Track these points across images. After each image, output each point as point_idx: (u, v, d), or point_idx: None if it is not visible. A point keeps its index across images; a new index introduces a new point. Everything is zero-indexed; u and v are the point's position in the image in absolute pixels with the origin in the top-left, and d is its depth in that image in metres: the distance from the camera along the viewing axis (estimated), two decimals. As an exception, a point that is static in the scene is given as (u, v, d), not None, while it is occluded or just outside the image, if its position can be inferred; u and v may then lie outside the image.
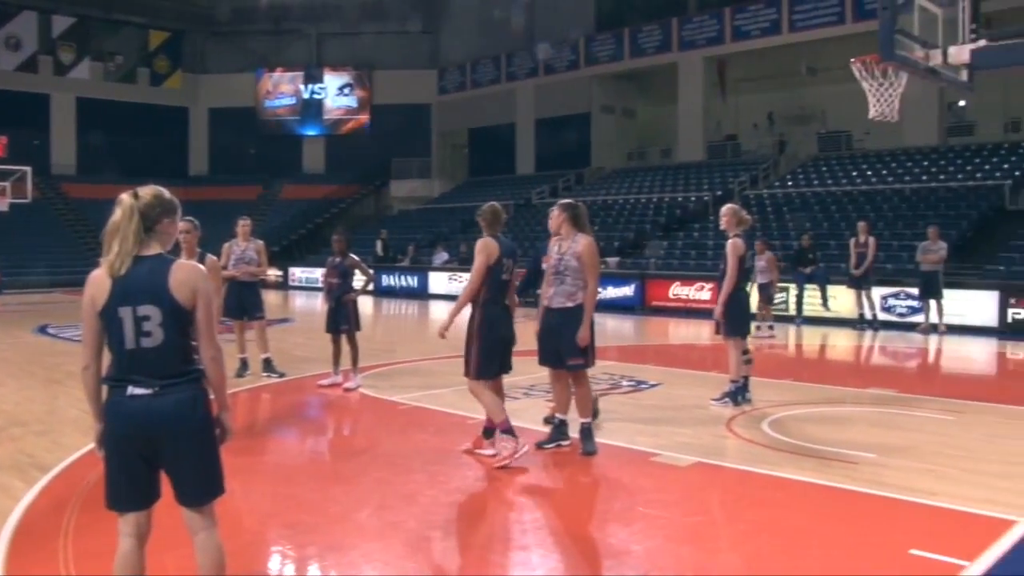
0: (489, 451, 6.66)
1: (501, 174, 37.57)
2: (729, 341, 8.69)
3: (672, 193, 29.47)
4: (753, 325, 14.67)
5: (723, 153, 32.27)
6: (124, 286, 3.49)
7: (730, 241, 8.64)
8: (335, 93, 41.44)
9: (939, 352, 14.40)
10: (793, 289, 18.53)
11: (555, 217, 6.73)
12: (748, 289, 8.81)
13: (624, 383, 10.14)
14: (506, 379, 7.05)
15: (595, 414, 7.42)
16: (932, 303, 16.35)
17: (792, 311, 18.48)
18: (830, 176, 26.77)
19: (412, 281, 27.81)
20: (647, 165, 34.43)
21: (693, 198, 28.31)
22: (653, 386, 10.00)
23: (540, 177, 35.95)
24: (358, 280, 10.06)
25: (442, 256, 28.25)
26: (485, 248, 6.67)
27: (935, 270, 16.25)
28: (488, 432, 6.80)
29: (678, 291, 20.68)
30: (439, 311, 23.00)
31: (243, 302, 10.48)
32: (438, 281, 26.93)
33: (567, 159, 35.15)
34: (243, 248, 10.53)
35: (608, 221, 28.20)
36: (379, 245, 30.53)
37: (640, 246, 25.01)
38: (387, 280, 28.28)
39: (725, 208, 8.80)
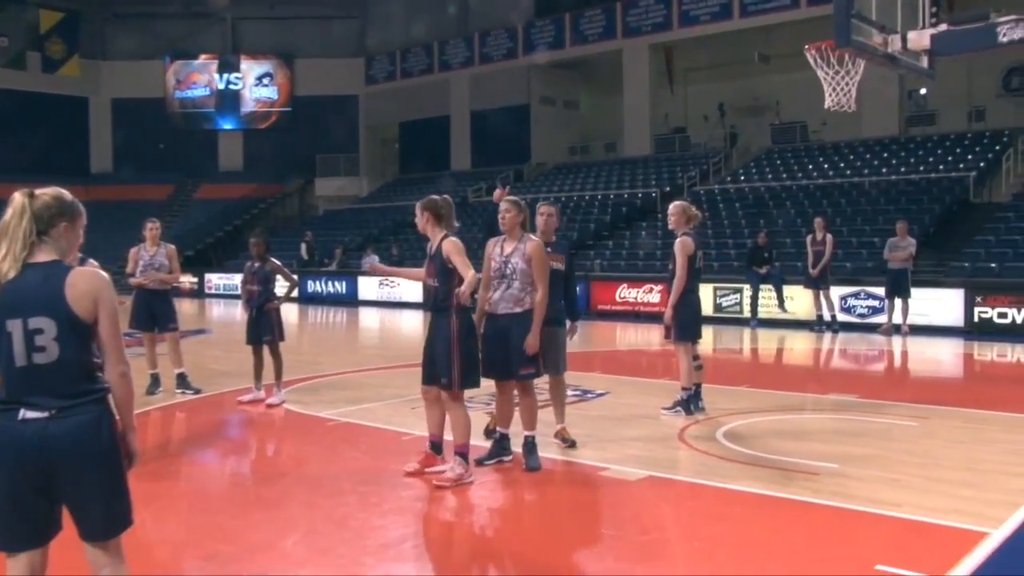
0: (440, 467, 6.63)
1: (435, 171, 37.46)
2: (679, 347, 8.74)
3: (618, 190, 29.70)
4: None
5: (671, 147, 32.62)
6: (13, 296, 3.33)
7: (678, 240, 8.68)
8: (253, 83, 40.85)
9: (902, 354, 14.72)
10: (748, 290, 18.79)
11: (418, 217, 6.63)
12: (699, 291, 8.91)
13: (569, 393, 10.11)
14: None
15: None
16: (897, 303, 16.68)
17: (747, 313, 18.74)
18: (785, 170, 27.23)
19: (340, 287, 27.58)
20: (591, 160, 34.65)
21: (640, 195, 28.56)
22: (600, 395, 10.02)
23: (477, 174, 35.94)
24: (280, 286, 9.92)
25: (372, 259, 28.03)
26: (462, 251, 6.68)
27: (904, 268, 16.53)
28: (436, 447, 6.74)
29: (625, 294, 20.84)
30: (369, 319, 22.81)
31: (153, 312, 10.26)
32: (368, 287, 26.74)
33: (505, 154, 35.20)
34: (152, 253, 10.31)
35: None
36: (303, 248, 30.23)
37: (588, 246, 25.18)
38: (313, 286, 28.01)
39: (673, 205, 8.85)
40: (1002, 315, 16.52)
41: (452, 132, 37.52)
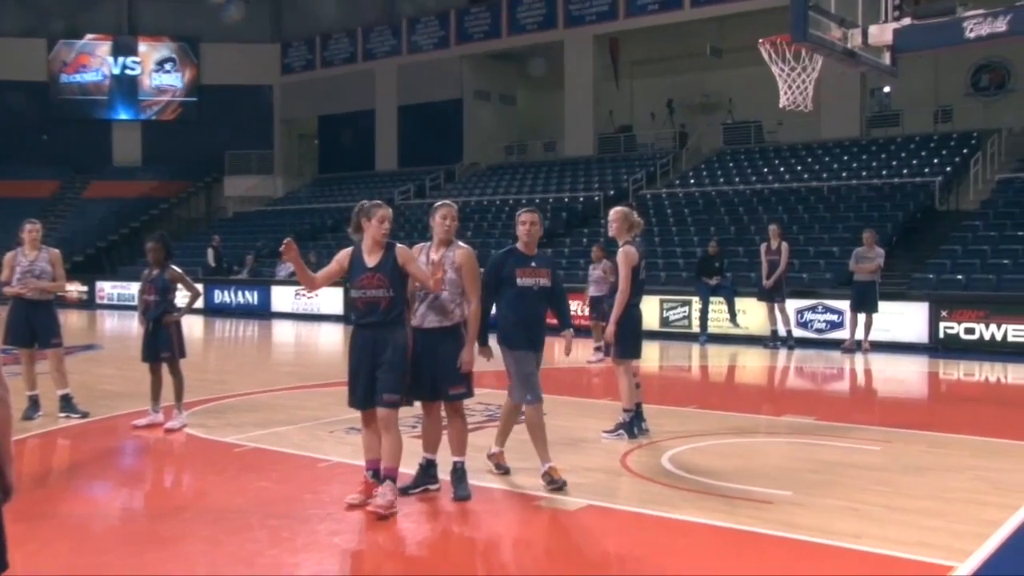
0: (375, 502, 6.55)
1: (358, 170, 37.32)
2: (619, 365, 8.80)
3: (557, 193, 29.87)
4: (592, 346, 14.94)
5: (616, 147, 32.92)
6: None
7: (621, 249, 8.73)
8: (153, 69, 40.13)
9: (863, 373, 14.98)
10: (697, 303, 18.98)
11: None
12: (641, 304, 8.97)
13: (485, 413, 10.10)
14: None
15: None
16: (860, 317, 16.86)
17: (696, 328, 18.92)
18: (738, 173, 27.64)
19: (251, 297, 27.27)
20: (529, 160, 34.80)
21: (582, 198, 28.74)
22: (522, 415, 9.99)
23: (404, 174, 35.86)
24: (182, 297, 9.75)
25: (287, 267, 27.78)
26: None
27: (871, 280, 16.67)
28: (379, 475, 6.66)
29: (566, 306, 20.91)
30: (283, 333, 22.55)
31: (33, 326, 9.99)
32: (283, 297, 26.48)
33: (436, 153, 35.21)
34: (31, 258, 10.04)
35: (484, 225, 28.33)
36: (210, 254, 29.83)
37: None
38: (220, 296, 27.65)
39: (614, 211, 8.87)
40: (969, 331, 16.91)
41: (377, 128, 37.40)
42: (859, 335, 16.97)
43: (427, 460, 6.96)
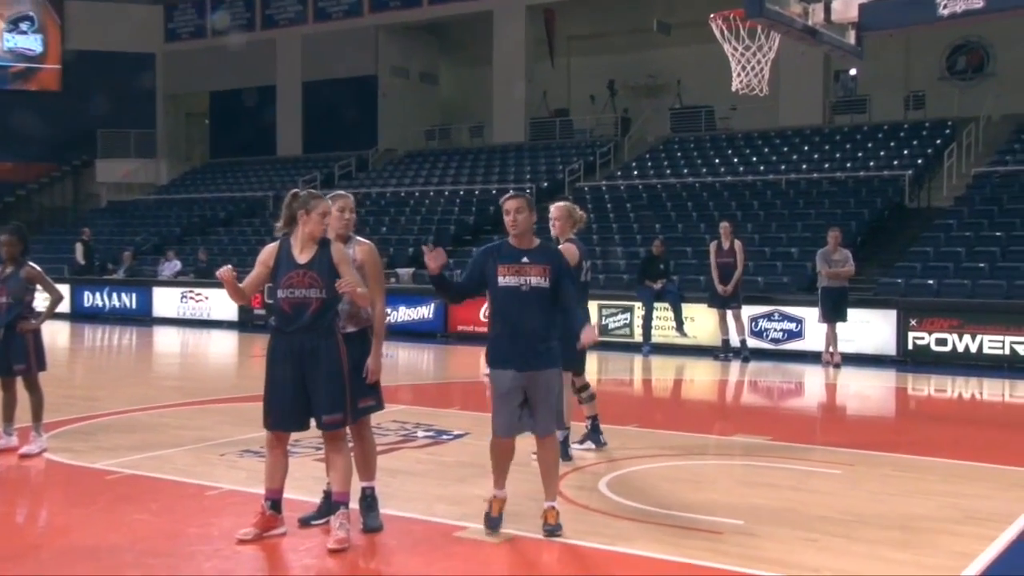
0: (280, 530, 6.51)
1: (256, 155, 36.94)
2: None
3: (484, 184, 29.89)
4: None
5: (550, 132, 33.04)
6: None
7: (561, 247, 8.65)
8: (6, 28, 38.46)
9: (823, 389, 15.18)
10: (639, 309, 19.07)
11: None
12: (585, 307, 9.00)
13: (420, 434, 10.07)
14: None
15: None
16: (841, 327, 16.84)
17: (638, 337, 19.01)
18: (687, 164, 27.89)
19: (128, 300, 26.82)
20: (452, 147, 34.78)
21: (511, 190, 28.62)
22: (457, 437, 10.01)
23: (309, 160, 35.61)
24: (42, 300, 9.52)
25: (173, 266, 27.40)
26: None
27: (843, 287, 16.73)
28: (277, 505, 6.54)
29: (493, 312, 20.93)
30: (167, 341, 22.23)
31: None
32: (166, 300, 26.08)
33: (346, 137, 35.02)
34: None
35: (400, 220, 28.23)
36: (79, 250, 29.24)
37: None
38: (91, 299, 27.16)
39: (556, 207, 8.89)
40: (941, 341, 17.16)
41: (279, 107, 37.09)
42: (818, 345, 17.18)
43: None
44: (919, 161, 24.35)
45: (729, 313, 17.65)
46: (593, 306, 19.67)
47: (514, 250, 6.60)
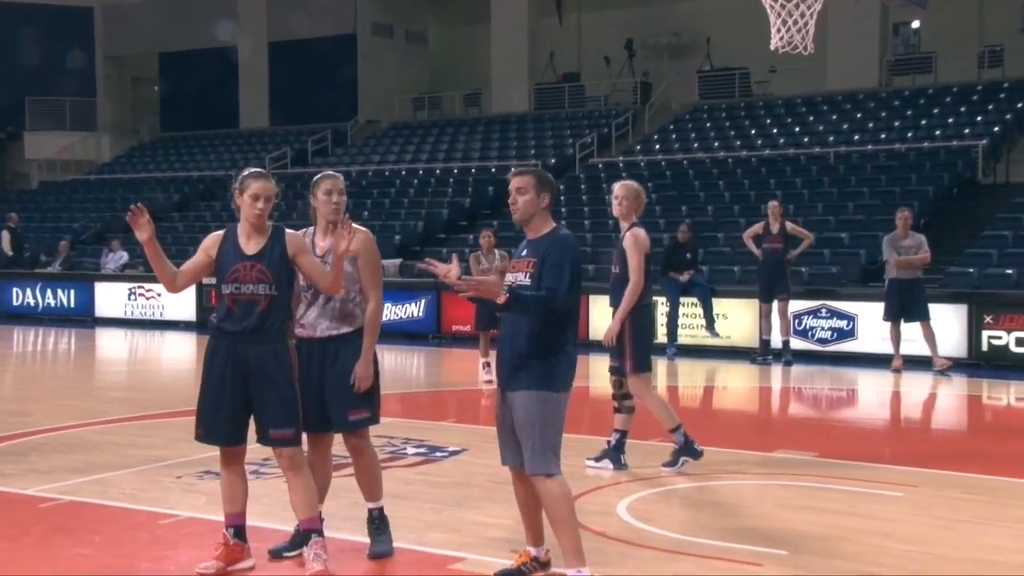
0: (247, 562, 6.52)
1: (215, 128, 36.90)
2: (638, 381, 9.06)
3: (482, 161, 29.88)
4: (481, 362, 14.96)
5: (558, 100, 32.97)
6: None
7: (629, 233, 8.90)
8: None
9: (880, 396, 15.16)
10: (663, 305, 18.99)
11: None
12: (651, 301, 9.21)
13: (409, 450, 10.06)
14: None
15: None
16: (910, 328, 16.43)
17: (662, 337, 18.93)
18: (717, 136, 27.87)
19: (66, 297, 26.79)
20: (444, 118, 34.77)
21: (513, 168, 28.61)
22: (453, 454, 10.01)
23: (278, 134, 35.59)
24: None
25: (118, 258, 27.34)
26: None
27: (916, 278, 16.37)
28: (242, 533, 6.52)
29: (493, 309, 20.90)
30: (113, 345, 22.21)
31: None
32: (111, 298, 26.05)
33: (321, 107, 35.00)
34: None
35: (384, 203, 28.16)
36: (6, 238, 29.19)
37: (438, 241, 25.11)
38: (21, 296, 27.12)
39: (622, 185, 9.03)
40: (1021, 341, 17.05)
41: (242, 72, 37.07)
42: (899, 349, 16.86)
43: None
44: (995, 129, 24.15)
45: (775, 306, 17.43)
46: (606, 301, 19.62)
47: (525, 240, 6.35)
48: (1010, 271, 18.48)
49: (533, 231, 6.18)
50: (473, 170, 29.19)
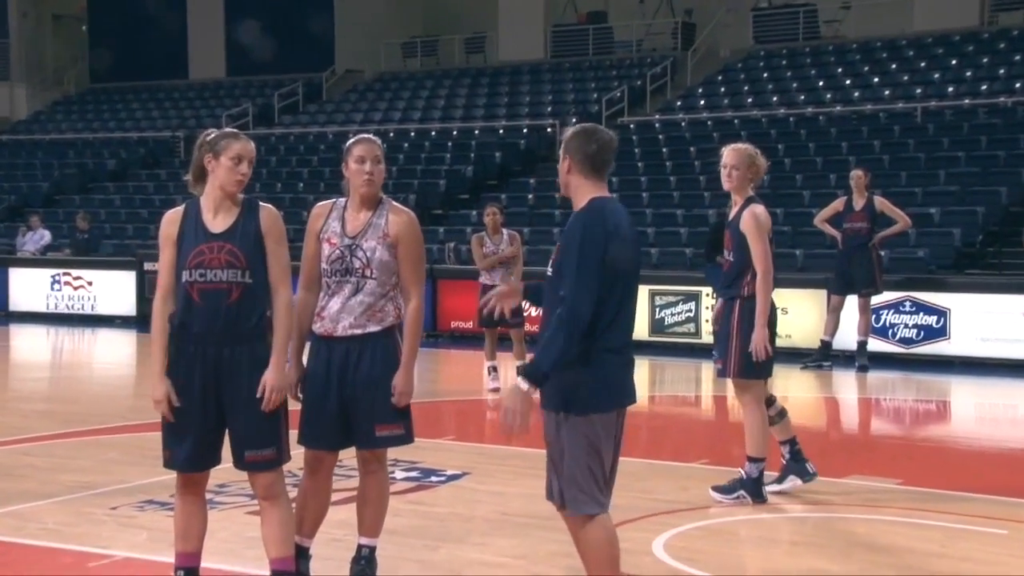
0: None
1: (159, 78, 36.90)
2: (747, 389, 9.15)
3: (487, 120, 29.98)
4: (487, 366, 14.95)
5: (581, 46, 32.97)
6: None
7: (747, 211, 8.99)
8: None
9: (979, 410, 15.17)
10: (708, 297, 18.95)
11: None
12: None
13: (399, 474, 10.00)
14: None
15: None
16: None
17: (707, 336, 18.89)
18: (776, 88, 27.88)
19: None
20: (442, 67, 34.91)
21: (525, 129, 28.73)
22: (452, 478, 10.02)
23: (237, 87, 35.69)
24: None
25: (38, 238, 27.29)
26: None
27: None
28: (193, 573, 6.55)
29: (501, 301, 20.90)
30: (31, 345, 22.20)
31: None
32: (30, 287, 26.02)
33: (290, 55, 35.10)
34: None
35: (367, 170, 28.14)
36: None
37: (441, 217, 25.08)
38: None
39: (733, 150, 9.17)
40: None
41: (192, 10, 37.09)
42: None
43: (298, 548, 6.85)
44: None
45: (857, 302, 17.29)
46: (643, 292, 19.62)
47: None
48: None
49: (573, 205, 6.04)
50: (476, 132, 29.22)
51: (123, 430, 12.32)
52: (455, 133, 29.45)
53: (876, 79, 26.88)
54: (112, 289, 24.37)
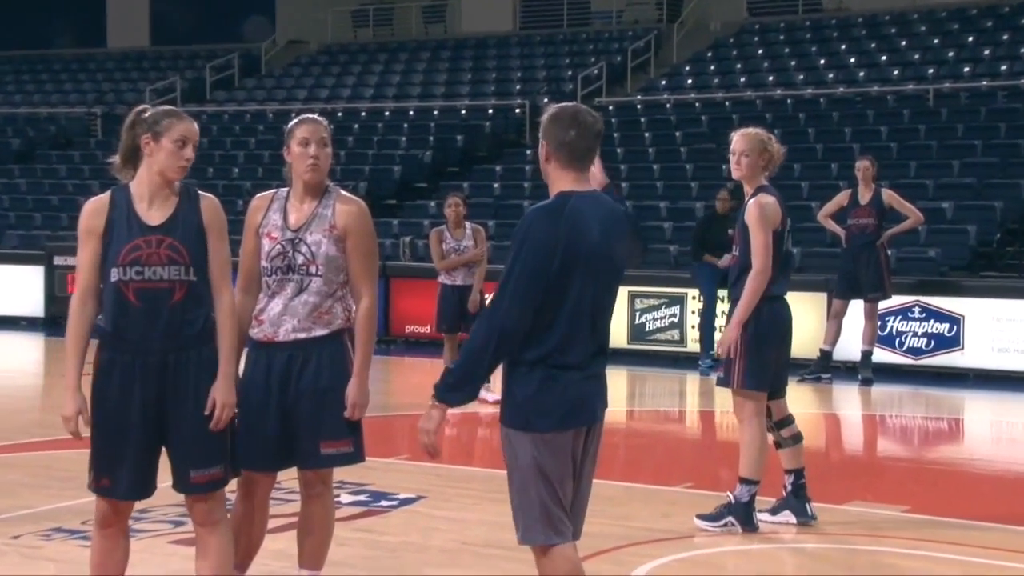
0: None
1: (73, 46, 36.79)
2: (745, 401, 9.08)
3: (448, 100, 29.99)
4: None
5: (554, 17, 33.05)
6: None
7: (753, 201, 8.98)
8: None
9: (996, 429, 15.24)
10: (694, 300, 18.99)
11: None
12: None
13: (345, 498, 9.97)
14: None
15: None
16: None
17: (692, 344, 18.94)
18: (772, 66, 27.97)
19: None
20: (396, 39, 34.99)
21: (491, 110, 28.73)
22: (405, 503, 10.04)
23: (164, 58, 35.63)
24: None
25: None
26: None
27: None
28: None
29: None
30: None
31: None
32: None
33: (225, 22, 35.10)
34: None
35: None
36: None
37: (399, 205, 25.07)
38: None
39: (743, 135, 9.19)
40: None
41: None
42: None
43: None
44: None
45: (863, 308, 17.30)
46: (622, 295, 19.62)
47: None
48: None
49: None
50: (436, 112, 29.25)
51: (28, 448, 12.27)
52: (411, 113, 29.44)
53: (883, 57, 26.98)
54: (16, 286, 24.24)
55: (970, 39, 26.67)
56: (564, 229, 5.57)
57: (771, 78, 27.24)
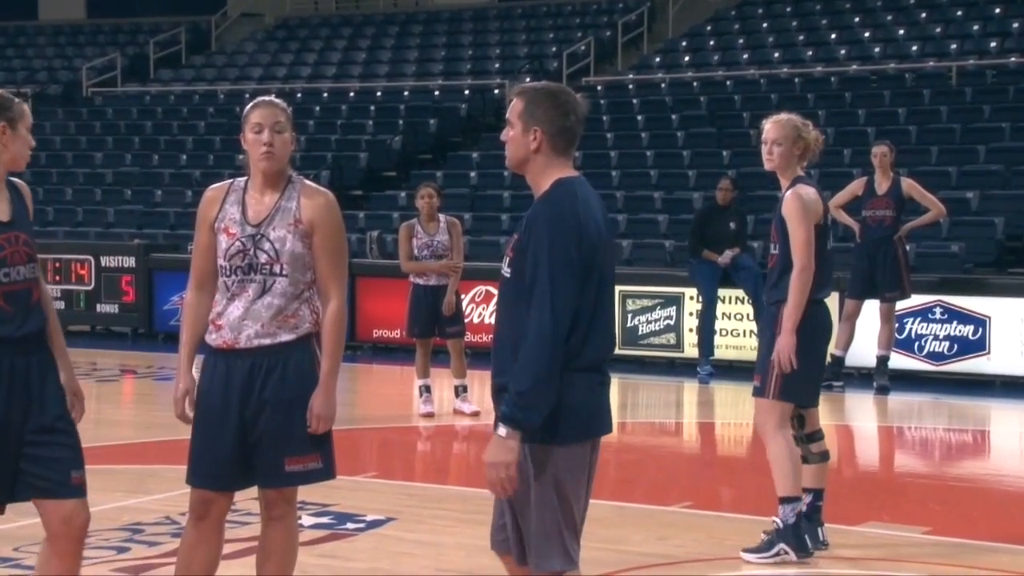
0: None
1: (4, 19, 36.80)
2: (771, 413, 9.08)
3: (420, 79, 30.11)
4: (418, 385, 15.00)
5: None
6: None
7: (791, 193, 9.01)
8: None
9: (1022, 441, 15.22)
10: (692, 300, 18.99)
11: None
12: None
13: (307, 520, 9.97)
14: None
15: None
16: None
17: (690, 349, 18.96)
18: (777, 41, 28.03)
19: None
20: (362, 12, 35.15)
21: (467, 91, 28.77)
22: (373, 525, 10.03)
23: (103, 32, 35.61)
24: None
25: None
26: None
27: None
28: None
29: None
30: None
31: None
32: None
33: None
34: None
35: (269, 140, 28.16)
36: None
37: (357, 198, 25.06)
38: None
39: (775, 122, 9.23)
40: None
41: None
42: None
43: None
44: None
45: (879, 309, 17.29)
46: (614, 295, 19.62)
47: None
48: None
49: (534, 188, 5.97)
50: (406, 93, 29.28)
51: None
52: (379, 94, 29.44)
53: (901, 32, 27.03)
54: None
55: (997, 11, 26.67)
56: (581, 218, 5.60)
57: (776, 55, 27.28)
